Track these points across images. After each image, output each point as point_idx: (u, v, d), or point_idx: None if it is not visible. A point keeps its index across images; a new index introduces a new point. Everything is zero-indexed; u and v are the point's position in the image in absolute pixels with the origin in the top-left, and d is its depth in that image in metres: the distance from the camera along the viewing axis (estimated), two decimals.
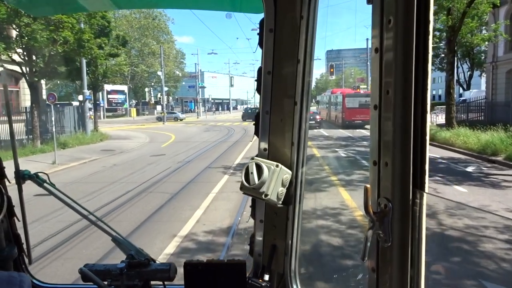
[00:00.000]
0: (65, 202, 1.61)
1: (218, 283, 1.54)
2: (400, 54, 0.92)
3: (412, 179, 0.94)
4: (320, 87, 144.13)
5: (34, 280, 1.76)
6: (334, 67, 38.52)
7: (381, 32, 0.95)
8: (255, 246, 1.61)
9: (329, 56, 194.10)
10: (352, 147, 18.48)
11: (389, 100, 0.94)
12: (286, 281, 1.56)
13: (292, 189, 1.45)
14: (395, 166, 0.95)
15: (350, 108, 27.66)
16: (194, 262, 1.57)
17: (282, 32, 1.38)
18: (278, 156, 1.46)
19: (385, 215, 0.96)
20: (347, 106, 28.02)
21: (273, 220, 1.55)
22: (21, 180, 1.55)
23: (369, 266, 1.04)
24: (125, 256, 1.58)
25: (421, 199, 0.94)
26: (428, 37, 0.91)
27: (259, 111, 1.47)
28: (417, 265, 0.96)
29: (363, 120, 26.49)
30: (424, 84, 0.92)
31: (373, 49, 0.98)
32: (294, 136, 1.44)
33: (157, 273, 1.54)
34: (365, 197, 0.96)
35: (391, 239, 0.96)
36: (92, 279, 1.43)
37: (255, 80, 1.46)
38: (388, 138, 0.96)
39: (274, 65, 1.41)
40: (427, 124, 0.94)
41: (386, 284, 1.00)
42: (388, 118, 0.95)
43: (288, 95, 1.42)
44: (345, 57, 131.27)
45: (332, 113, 32.12)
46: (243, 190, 1.42)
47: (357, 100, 27.64)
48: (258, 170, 1.37)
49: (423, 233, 0.96)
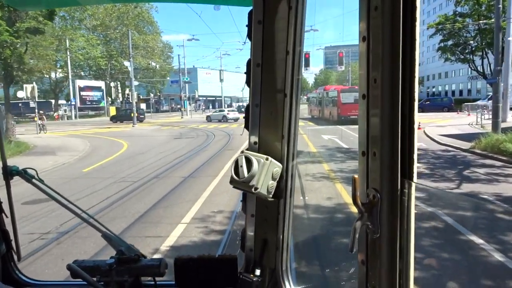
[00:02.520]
0: (54, 198, 1.58)
1: (209, 279, 1.52)
2: (387, 42, 0.91)
3: (401, 169, 0.93)
4: (319, 83, 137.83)
5: (23, 277, 1.76)
6: (344, 54, 31.02)
7: (368, 20, 0.94)
8: (247, 241, 1.56)
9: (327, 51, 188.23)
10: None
11: (377, 89, 0.94)
12: (277, 276, 1.54)
13: (283, 183, 1.42)
14: (383, 156, 0.95)
15: (345, 104, 27.57)
16: (185, 257, 1.54)
17: (271, 23, 1.35)
18: (268, 149, 1.43)
19: (374, 206, 0.96)
20: (343, 102, 28.03)
21: (264, 214, 1.52)
22: (9, 176, 1.51)
23: (359, 258, 1.04)
24: (115, 252, 1.53)
25: (410, 188, 0.94)
26: (415, 23, 0.90)
27: (249, 104, 1.44)
28: (406, 256, 0.96)
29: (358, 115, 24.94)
30: (411, 72, 0.91)
31: (360, 38, 0.96)
32: (285, 129, 1.41)
33: (147, 269, 1.51)
34: (353, 188, 0.96)
35: (379, 230, 0.96)
36: (81, 275, 1.37)
37: (245, 73, 1.44)
38: (376, 128, 0.95)
39: (263, 57, 1.38)
40: (415, 112, 0.92)
41: (375, 276, 1.00)
42: (376, 107, 0.95)
43: (277, 88, 1.40)
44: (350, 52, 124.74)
45: (326, 110, 32.00)
46: (233, 184, 1.36)
47: (352, 96, 27.62)
48: (248, 163, 1.33)
49: (412, 223, 0.95)
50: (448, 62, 50.14)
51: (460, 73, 66.07)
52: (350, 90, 29.84)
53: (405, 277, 0.96)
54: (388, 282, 0.98)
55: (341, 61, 31.75)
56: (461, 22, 43.90)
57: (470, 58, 46.29)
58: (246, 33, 1.39)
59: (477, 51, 45.66)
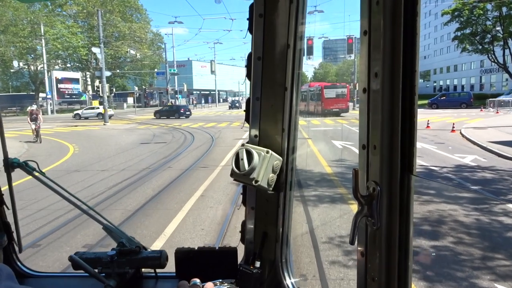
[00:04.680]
0: (55, 190, 1.55)
1: (209, 270, 1.51)
2: (388, 36, 0.91)
3: (401, 162, 0.94)
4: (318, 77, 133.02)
5: (24, 268, 1.75)
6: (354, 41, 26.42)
7: (369, 14, 0.94)
8: (247, 233, 1.57)
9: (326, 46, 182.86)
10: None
11: (377, 83, 0.94)
12: (277, 268, 1.54)
13: (283, 176, 1.42)
14: (383, 149, 0.95)
15: (328, 98, 30.03)
16: (185, 249, 1.56)
17: (272, 17, 1.35)
18: (269, 142, 1.43)
19: (374, 199, 0.96)
20: (326, 97, 30.25)
21: (264, 207, 1.52)
22: (10, 168, 1.49)
23: (359, 250, 1.04)
24: (116, 244, 1.53)
25: (409, 181, 0.94)
26: (417, 18, 0.90)
27: (250, 98, 1.45)
28: (405, 248, 0.96)
29: (340, 108, 29.59)
30: (412, 66, 0.91)
31: (361, 31, 0.97)
32: (285, 122, 1.41)
33: (148, 261, 1.51)
34: (353, 181, 0.97)
35: (379, 222, 0.96)
36: (82, 266, 1.37)
37: (245, 66, 1.45)
38: (377, 121, 0.95)
39: (264, 51, 1.38)
40: (415, 106, 0.92)
41: (374, 268, 1.01)
42: (377, 101, 0.95)
43: (278, 81, 1.40)
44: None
45: (311, 104, 33.87)
46: (234, 177, 1.37)
47: (334, 91, 30.43)
48: (248, 156, 1.33)
49: (411, 216, 0.96)
50: (465, 53, 45.16)
51: (471, 66, 61.19)
52: (332, 86, 32.93)
53: (404, 269, 0.97)
54: (387, 274, 0.98)
55: (350, 48, 26.94)
56: (481, 7, 39.20)
57: (490, 48, 41.53)
58: (247, 26, 1.40)
59: (497, 40, 41.03)
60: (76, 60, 54.73)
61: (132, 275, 1.48)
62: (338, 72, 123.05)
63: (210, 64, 49.24)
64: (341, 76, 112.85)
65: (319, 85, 33.65)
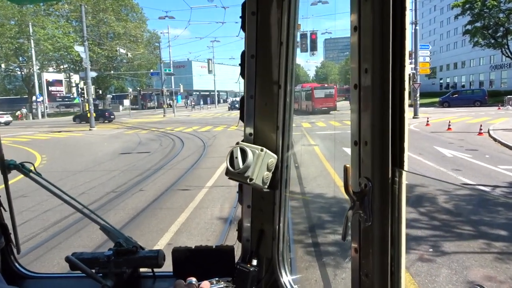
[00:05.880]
0: (52, 191, 1.57)
1: (206, 269, 1.51)
2: (377, 31, 0.91)
3: (391, 158, 0.94)
4: (320, 76, 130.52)
5: (22, 270, 1.76)
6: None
7: (359, 9, 0.94)
8: (243, 231, 1.57)
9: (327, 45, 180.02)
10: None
11: (368, 79, 0.94)
12: (274, 266, 1.54)
13: (278, 174, 1.42)
14: (374, 145, 0.95)
15: (318, 98, 32.64)
16: (182, 248, 1.57)
17: (265, 14, 1.35)
18: (263, 140, 1.42)
19: (365, 195, 0.96)
20: (316, 96, 32.77)
21: (260, 205, 1.52)
22: (6, 170, 1.52)
23: (352, 247, 1.04)
24: (114, 244, 1.53)
25: (400, 177, 0.94)
26: (405, 12, 0.90)
27: (244, 96, 1.44)
28: (397, 243, 0.96)
29: (328, 107, 32.08)
30: (401, 61, 0.91)
31: (352, 27, 0.97)
32: (279, 120, 1.41)
33: (145, 260, 1.51)
34: (345, 177, 0.96)
35: (371, 218, 0.96)
36: (79, 267, 1.37)
37: (239, 65, 1.43)
38: (368, 118, 0.95)
39: (257, 49, 1.38)
40: (405, 102, 0.92)
41: (368, 264, 1.01)
42: (367, 96, 0.95)
43: (272, 79, 1.40)
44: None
45: (303, 104, 35.34)
46: (229, 175, 1.36)
47: (323, 92, 33.28)
48: (243, 154, 1.33)
49: (403, 211, 0.95)
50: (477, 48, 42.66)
51: (480, 62, 58.59)
52: (321, 87, 35.58)
53: (397, 264, 0.97)
54: (380, 269, 0.98)
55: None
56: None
57: (504, 42, 39.08)
58: (240, 24, 1.40)
59: (511, 34, 38.57)
60: (69, 62, 52.59)
61: (130, 275, 1.49)
62: (341, 70, 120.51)
63: (208, 63, 46.95)
64: (343, 75, 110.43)
65: (309, 86, 36.57)
